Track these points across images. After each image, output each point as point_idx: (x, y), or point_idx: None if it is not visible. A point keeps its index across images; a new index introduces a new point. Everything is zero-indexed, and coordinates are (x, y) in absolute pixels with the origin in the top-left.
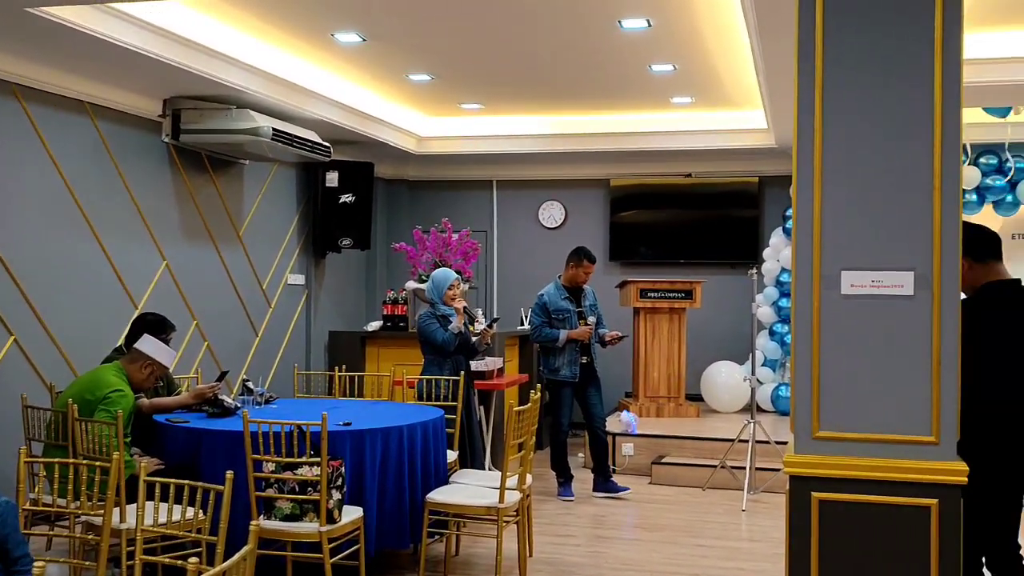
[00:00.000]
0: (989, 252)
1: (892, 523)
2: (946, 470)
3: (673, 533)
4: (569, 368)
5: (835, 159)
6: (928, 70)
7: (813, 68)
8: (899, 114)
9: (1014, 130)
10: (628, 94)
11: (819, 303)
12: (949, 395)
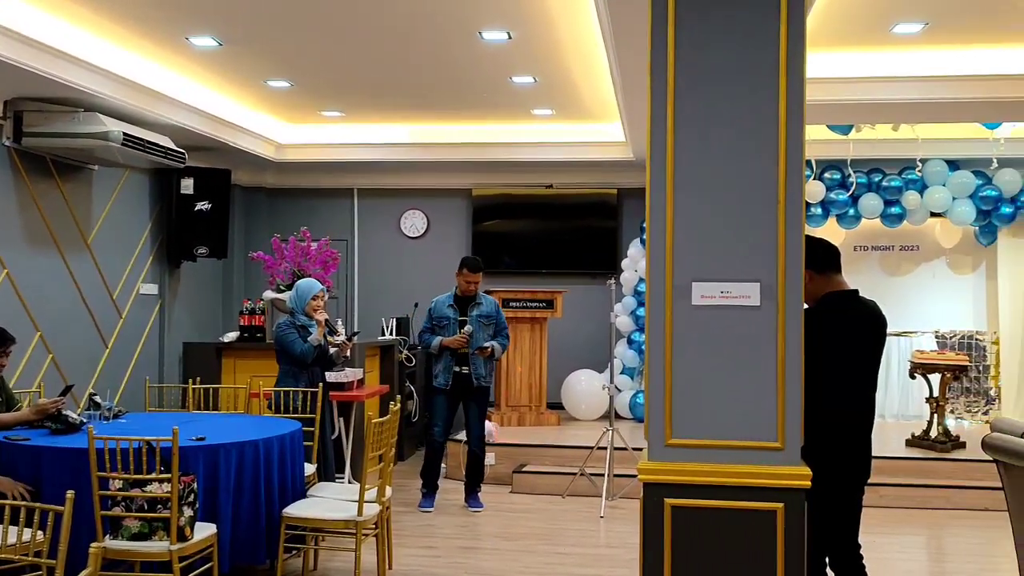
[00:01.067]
0: (830, 264)
1: (741, 527)
2: (791, 475)
3: (533, 541)
4: (443, 376)
5: (686, 173)
6: (773, 89)
7: (665, 84)
8: (746, 131)
9: (856, 147)
10: (490, 104)
11: (671, 313)
12: (793, 402)
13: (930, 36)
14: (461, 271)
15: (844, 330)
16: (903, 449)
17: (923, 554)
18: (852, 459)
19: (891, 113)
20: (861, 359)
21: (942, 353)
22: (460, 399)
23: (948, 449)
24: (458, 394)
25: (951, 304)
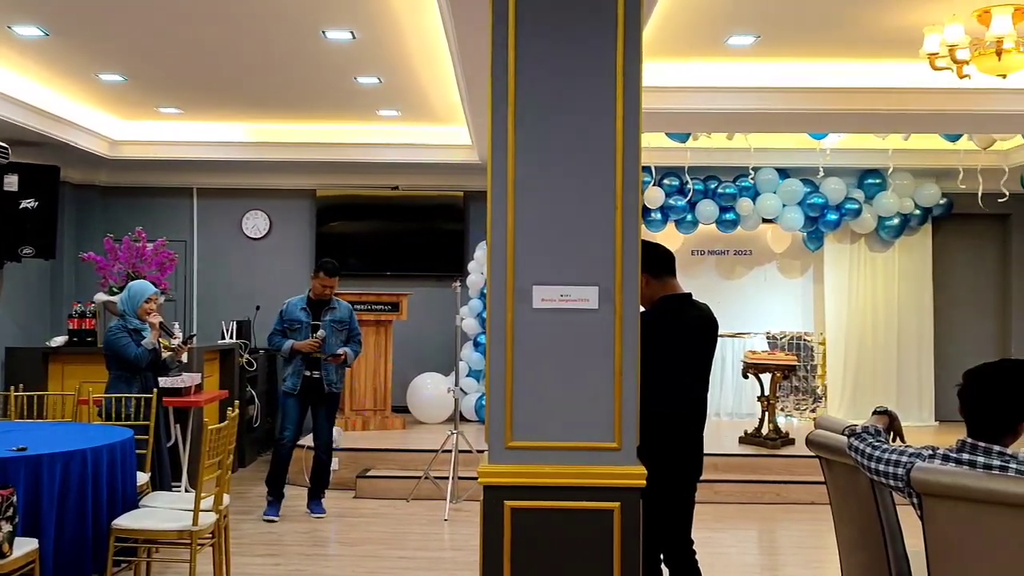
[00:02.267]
0: (665, 269)
1: (579, 526)
2: (627, 474)
3: (376, 547)
4: (292, 379)
5: (527, 178)
6: (611, 97)
7: (505, 90)
8: (585, 138)
9: (693, 154)
10: (334, 104)
11: (512, 316)
12: (629, 403)
13: (762, 49)
14: (317, 275)
15: (677, 333)
16: (736, 446)
17: (756, 547)
18: (684, 458)
19: (725, 122)
20: (693, 361)
21: (772, 354)
22: (309, 404)
23: (778, 446)
24: (308, 399)
25: (781, 306)
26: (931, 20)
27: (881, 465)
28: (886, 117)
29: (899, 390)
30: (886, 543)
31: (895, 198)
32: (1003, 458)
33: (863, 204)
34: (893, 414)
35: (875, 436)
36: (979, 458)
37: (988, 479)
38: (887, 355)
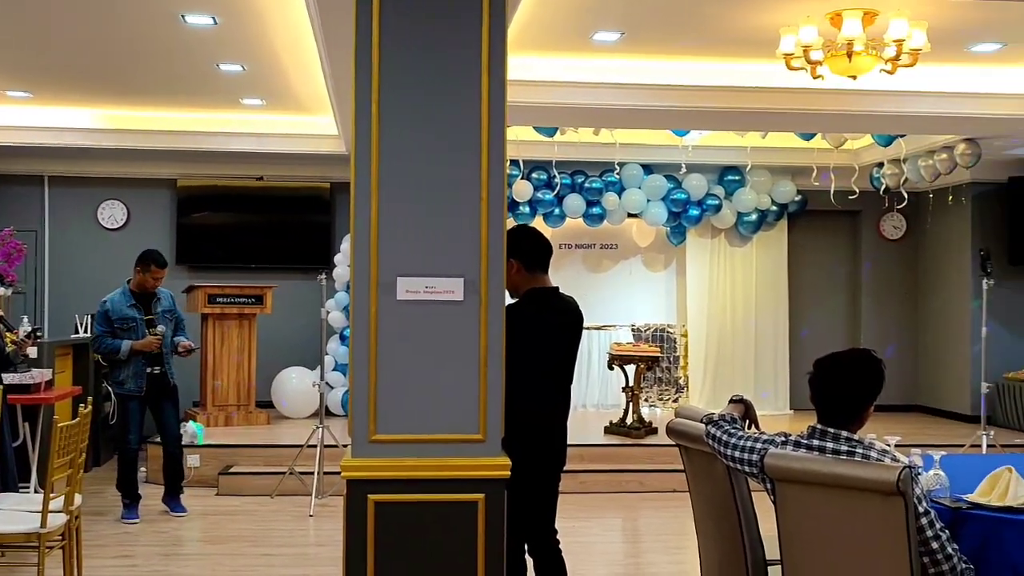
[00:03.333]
0: (539, 261)
1: (444, 519)
2: (491, 465)
3: (239, 544)
4: (135, 381)
5: (391, 169)
6: (476, 89)
7: (370, 80)
8: (451, 129)
9: (561, 149)
10: (195, 91)
11: (376, 308)
12: (494, 395)
13: (626, 46)
14: (148, 267)
15: (543, 326)
16: (602, 437)
17: (619, 535)
18: (548, 449)
19: (591, 117)
20: (559, 354)
21: (637, 345)
22: (154, 401)
23: (642, 435)
24: (153, 396)
25: (646, 299)
26: (787, 21)
27: (736, 452)
28: (744, 115)
29: (756, 379)
30: (741, 528)
31: (753, 194)
32: (850, 443)
33: (723, 200)
34: (748, 402)
35: (731, 424)
36: (828, 444)
37: (836, 464)
38: (745, 346)
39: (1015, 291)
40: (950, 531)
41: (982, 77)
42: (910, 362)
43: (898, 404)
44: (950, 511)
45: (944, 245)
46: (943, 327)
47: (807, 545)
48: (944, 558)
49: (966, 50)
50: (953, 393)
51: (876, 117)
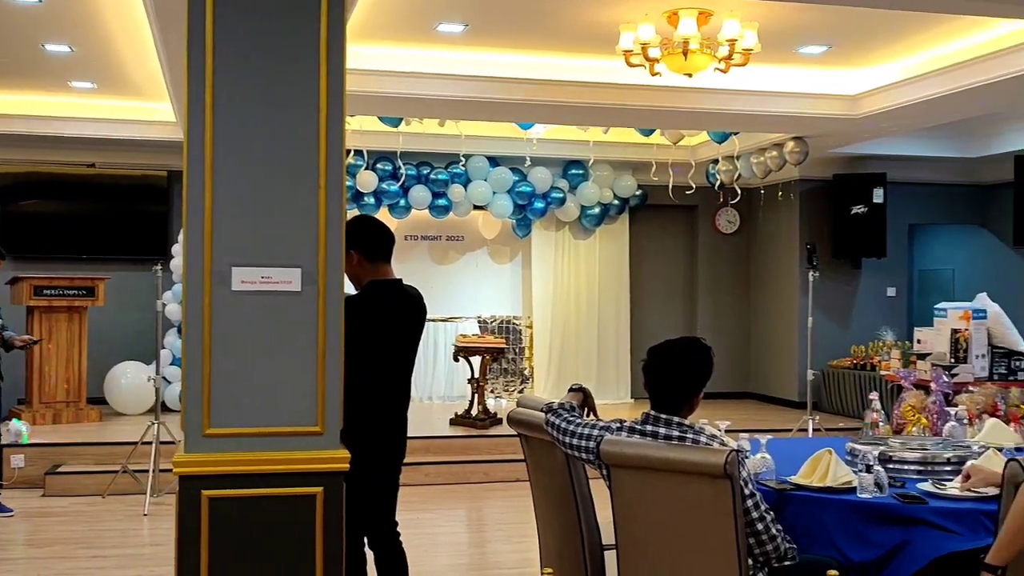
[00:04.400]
0: (380, 252)
1: (281, 514)
2: (330, 458)
3: (68, 547)
4: None
5: (226, 157)
6: (314, 76)
7: (204, 65)
8: (288, 116)
9: (406, 140)
10: (18, 73)
11: (210, 299)
12: (333, 386)
13: (471, 38)
14: None
15: (384, 317)
16: (447, 428)
17: (464, 526)
18: (388, 441)
19: (436, 109)
20: (399, 345)
21: (482, 337)
22: None
23: (487, 426)
24: None
25: (492, 291)
26: (627, 19)
27: (574, 439)
28: (586, 110)
29: (599, 369)
30: (579, 514)
31: (596, 188)
32: (682, 428)
33: (567, 193)
34: (587, 391)
35: (570, 412)
36: (660, 429)
37: (667, 449)
38: (589, 337)
39: (839, 283)
40: (776, 511)
41: (809, 78)
42: (743, 351)
43: (731, 392)
44: (775, 492)
45: (774, 239)
46: (773, 317)
47: (640, 529)
48: (768, 538)
49: (794, 51)
50: (782, 381)
51: (711, 114)
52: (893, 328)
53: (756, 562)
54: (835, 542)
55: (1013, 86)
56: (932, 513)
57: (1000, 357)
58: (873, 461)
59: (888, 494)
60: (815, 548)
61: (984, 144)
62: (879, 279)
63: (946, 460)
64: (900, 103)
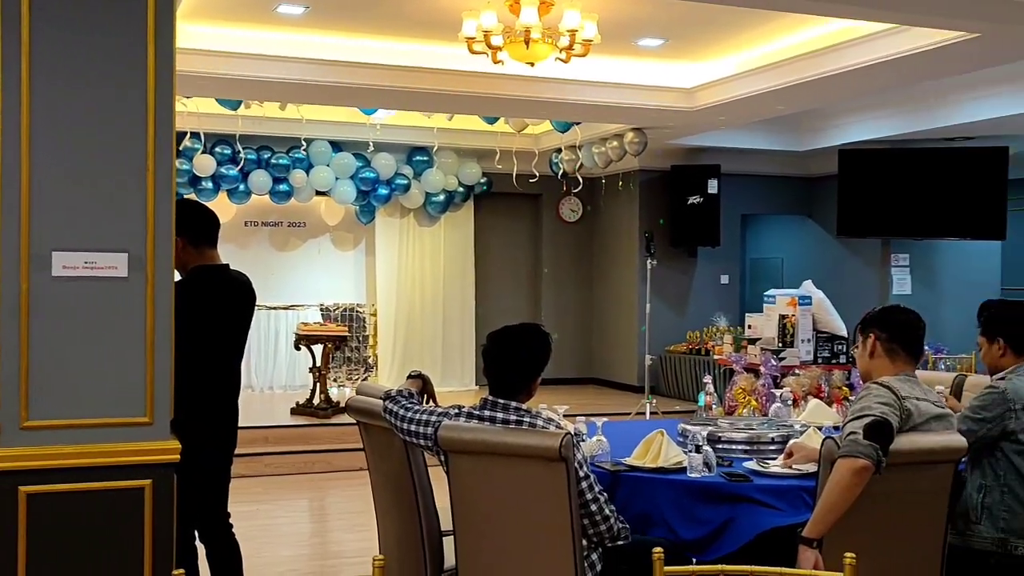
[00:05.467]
0: (205, 237)
1: (107, 509)
2: (159, 449)
3: None
4: None
5: (45, 139)
6: (141, 55)
7: (18, 38)
8: (114, 94)
9: (245, 123)
10: None
11: (28, 285)
12: (162, 375)
13: (312, 20)
14: None
15: (212, 304)
16: (288, 418)
17: (306, 516)
18: (219, 430)
19: (276, 92)
20: (228, 332)
21: (325, 325)
22: None
23: (329, 415)
24: None
25: (335, 278)
26: (469, 6)
27: (412, 425)
28: (429, 96)
29: (444, 357)
30: (417, 500)
31: (441, 175)
32: (519, 413)
33: (412, 180)
34: (426, 377)
35: (408, 399)
36: (498, 414)
37: (504, 433)
38: (433, 324)
39: (676, 271)
40: (610, 492)
41: (648, 70)
42: (585, 338)
43: (575, 377)
44: (610, 474)
45: (615, 228)
46: (614, 305)
47: (478, 514)
48: (602, 519)
49: (633, 44)
50: (623, 366)
51: (553, 104)
52: (727, 314)
53: (590, 542)
54: (667, 521)
55: (837, 83)
56: (756, 490)
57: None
58: (702, 441)
59: (716, 473)
60: (648, 527)
61: (811, 138)
62: (714, 267)
63: (771, 439)
64: (733, 97)
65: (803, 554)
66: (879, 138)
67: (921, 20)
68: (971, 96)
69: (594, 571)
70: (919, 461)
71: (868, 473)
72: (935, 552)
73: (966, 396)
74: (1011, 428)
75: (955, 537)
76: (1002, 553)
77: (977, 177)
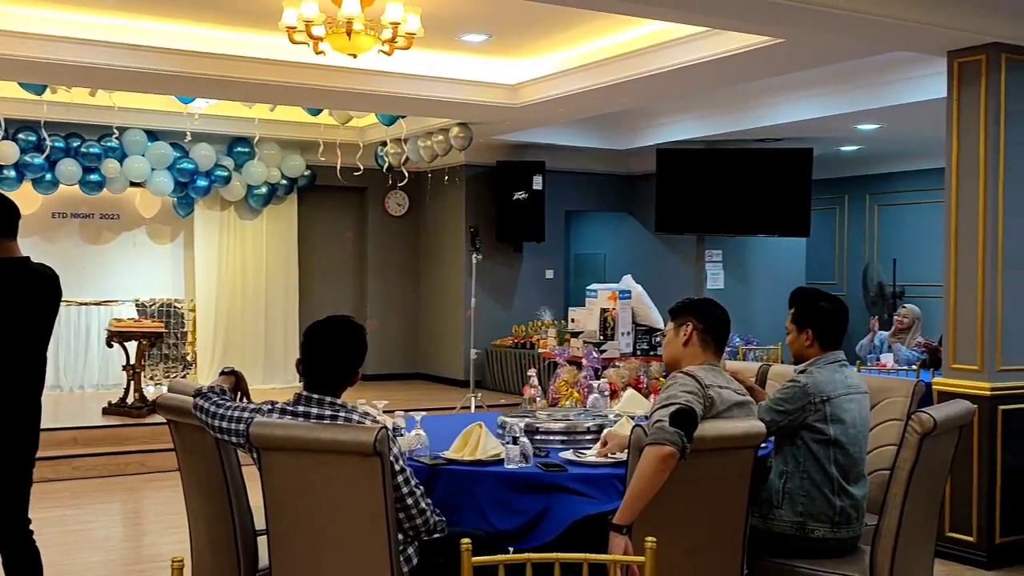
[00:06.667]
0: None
1: None
2: None
3: None
4: None
5: None
6: None
7: None
8: None
9: (52, 109)
10: None
11: None
12: None
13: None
14: None
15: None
16: (100, 418)
17: (119, 520)
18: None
19: (83, 77)
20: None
21: (139, 321)
22: None
23: (144, 414)
24: None
25: (151, 273)
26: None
27: (224, 423)
28: (249, 86)
29: (267, 354)
30: (230, 500)
31: (263, 167)
32: (334, 408)
33: (232, 172)
34: (239, 374)
35: (220, 395)
36: (313, 409)
37: (318, 428)
38: (256, 320)
39: (502, 266)
40: (429, 486)
41: (472, 66)
42: (412, 332)
43: (402, 372)
44: (428, 468)
45: (442, 223)
46: (441, 299)
47: (293, 511)
48: (418, 512)
49: (457, 39)
50: (449, 360)
51: (377, 97)
52: (551, 308)
53: (407, 536)
54: (484, 512)
55: (653, 83)
56: (571, 480)
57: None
58: (519, 433)
59: (533, 464)
60: (466, 520)
61: (631, 137)
62: (539, 262)
63: (587, 429)
64: (555, 94)
65: (613, 540)
66: (695, 138)
67: (730, 24)
68: (779, 99)
69: (410, 565)
70: (722, 447)
71: (674, 460)
72: (737, 534)
73: (771, 385)
74: (811, 420)
75: (758, 520)
76: (800, 536)
77: (784, 177)
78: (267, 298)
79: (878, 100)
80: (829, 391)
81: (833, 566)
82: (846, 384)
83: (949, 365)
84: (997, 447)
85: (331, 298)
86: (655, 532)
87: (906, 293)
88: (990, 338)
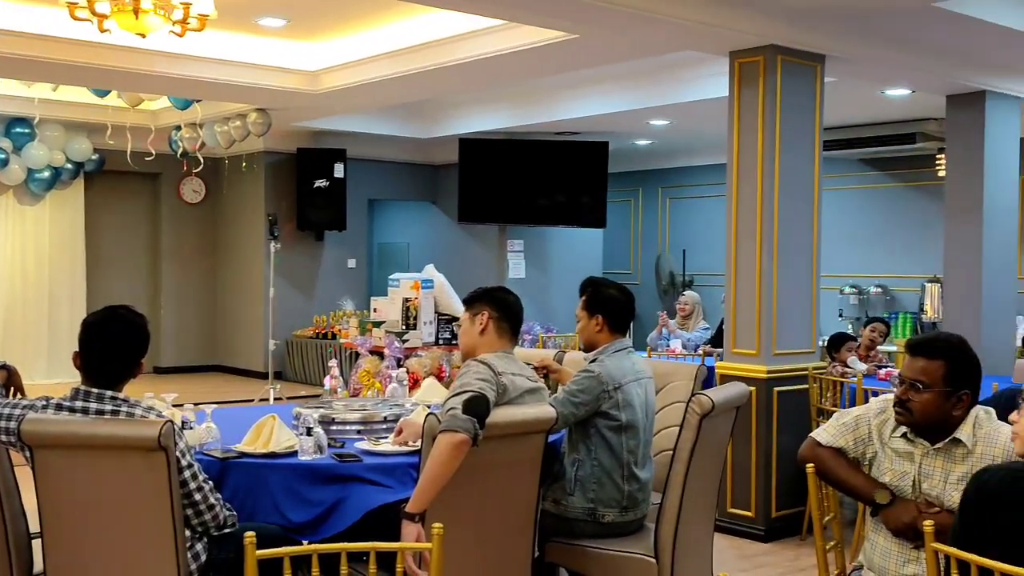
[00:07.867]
0: None
1: None
2: None
3: None
4: None
5: None
6: None
7: None
8: None
9: None
10: None
11: None
12: None
13: None
14: None
15: None
16: None
17: None
18: None
19: None
20: None
21: None
22: None
23: None
24: None
25: None
26: None
27: None
28: (25, 63)
29: (51, 347)
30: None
31: (45, 150)
32: (115, 402)
33: (11, 154)
34: (12, 369)
35: None
36: (92, 404)
37: (98, 424)
38: (38, 312)
39: (303, 255)
40: (220, 480)
41: (270, 50)
42: (209, 323)
43: (198, 365)
44: (219, 461)
45: (240, 210)
46: (239, 289)
47: (70, 512)
48: (207, 508)
49: (254, 22)
50: (248, 351)
51: (169, 79)
52: (354, 298)
53: (195, 532)
54: (278, 505)
55: (451, 74)
56: (366, 469)
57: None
58: (313, 424)
59: (327, 454)
60: (260, 513)
61: (434, 127)
62: (341, 251)
63: (383, 418)
64: (356, 82)
65: (405, 528)
66: (497, 129)
67: (521, 17)
68: (578, 94)
69: (198, 561)
70: (513, 432)
71: (466, 446)
72: (528, 518)
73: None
74: (605, 407)
75: (552, 506)
76: (591, 520)
77: (582, 170)
78: (51, 288)
79: (668, 97)
80: (620, 378)
81: (620, 545)
82: (634, 370)
83: (730, 350)
84: (773, 427)
85: (122, 288)
86: (449, 519)
87: (695, 282)
88: (767, 324)
